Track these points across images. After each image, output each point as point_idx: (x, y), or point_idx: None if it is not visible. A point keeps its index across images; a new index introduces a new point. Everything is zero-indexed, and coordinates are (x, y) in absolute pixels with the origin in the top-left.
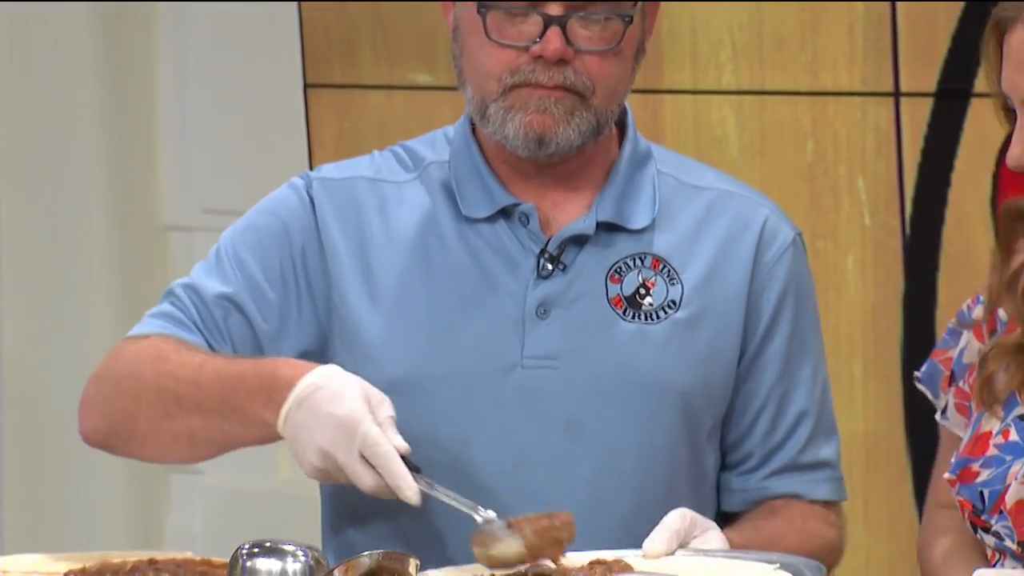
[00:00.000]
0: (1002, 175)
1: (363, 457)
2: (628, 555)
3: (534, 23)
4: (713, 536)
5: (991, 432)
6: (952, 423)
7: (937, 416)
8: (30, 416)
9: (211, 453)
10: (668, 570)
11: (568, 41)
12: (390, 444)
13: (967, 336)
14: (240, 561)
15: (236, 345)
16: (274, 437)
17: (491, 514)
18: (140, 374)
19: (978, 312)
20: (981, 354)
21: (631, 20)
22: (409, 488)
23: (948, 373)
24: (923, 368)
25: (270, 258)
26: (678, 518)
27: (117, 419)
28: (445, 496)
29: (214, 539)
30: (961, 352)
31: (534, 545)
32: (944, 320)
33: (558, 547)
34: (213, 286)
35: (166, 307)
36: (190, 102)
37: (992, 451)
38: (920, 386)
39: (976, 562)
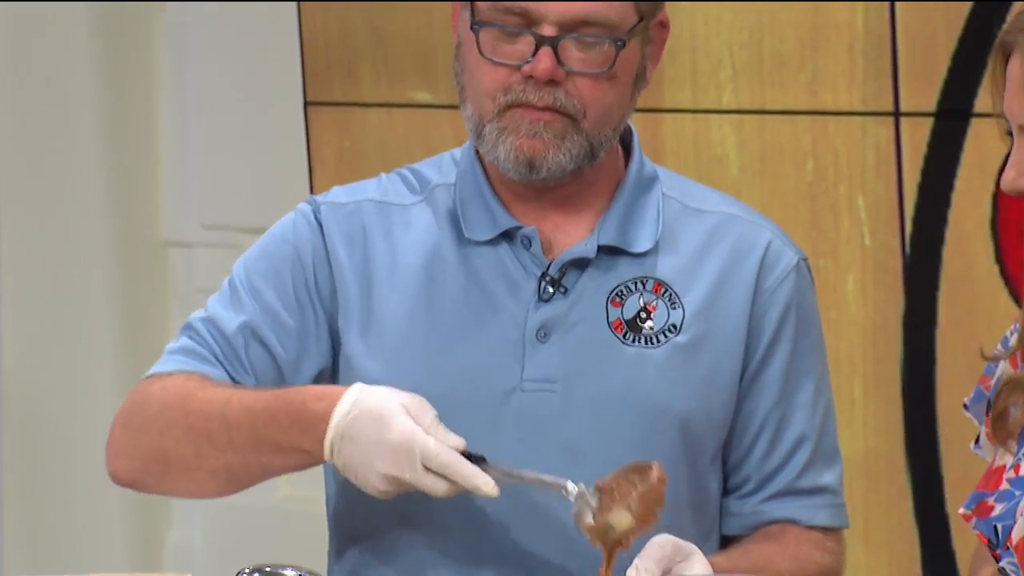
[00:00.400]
0: (1002, 195)
1: (428, 469)
2: None
3: (527, 43)
4: (696, 560)
5: (1004, 466)
6: (985, 452)
7: (971, 446)
8: (30, 430)
9: (252, 483)
10: None
11: (560, 62)
12: (449, 449)
13: (1004, 365)
14: None
15: (258, 375)
16: (318, 462)
17: (581, 486)
18: (167, 414)
19: (1014, 340)
20: (994, 388)
21: (623, 44)
22: (486, 484)
23: (988, 399)
24: (971, 396)
25: (284, 284)
26: (659, 545)
27: (147, 460)
28: (525, 477)
29: (215, 555)
30: (997, 380)
31: (640, 514)
32: (944, 339)
33: (659, 505)
34: (231, 317)
35: (186, 342)
36: (190, 118)
37: (1005, 486)
38: (967, 414)
39: None
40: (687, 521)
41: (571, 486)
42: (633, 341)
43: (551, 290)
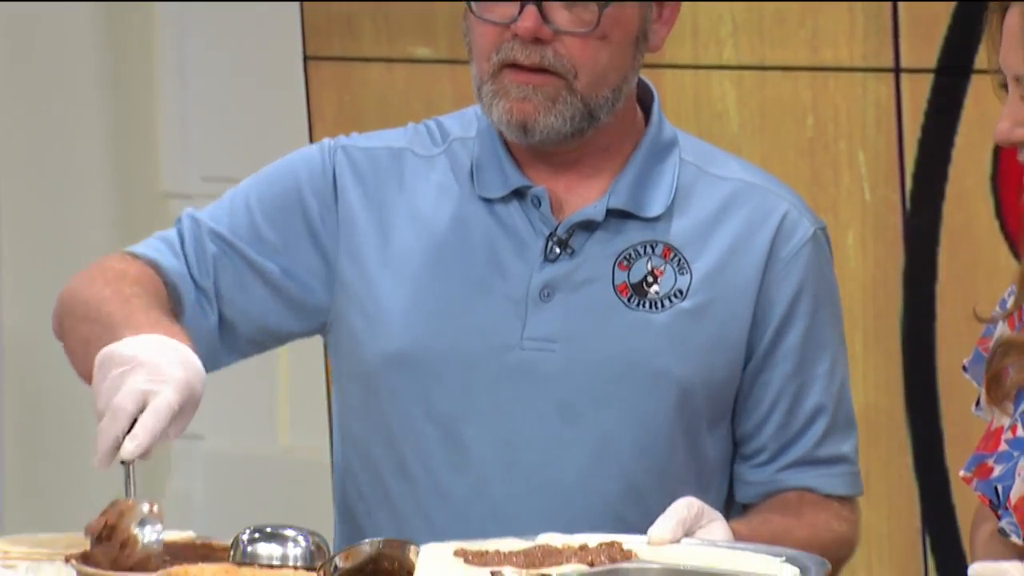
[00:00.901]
0: (1003, 151)
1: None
2: (632, 540)
3: (514, 3)
4: (718, 527)
5: (1003, 428)
6: (985, 414)
7: (973, 408)
8: (30, 386)
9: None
10: (672, 558)
11: (547, 21)
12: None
13: (1002, 326)
14: (241, 546)
15: (220, 282)
16: None
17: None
18: (92, 285)
19: (1011, 302)
20: (990, 350)
21: (607, 3)
22: (97, 460)
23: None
24: (970, 357)
25: (277, 209)
26: (684, 506)
27: (64, 308)
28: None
29: (215, 505)
30: (996, 343)
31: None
32: (944, 295)
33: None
34: (214, 223)
35: (169, 232)
36: (190, 70)
37: (1003, 447)
38: (967, 375)
39: (1013, 552)
40: (684, 484)
41: None
42: (637, 305)
43: (557, 250)
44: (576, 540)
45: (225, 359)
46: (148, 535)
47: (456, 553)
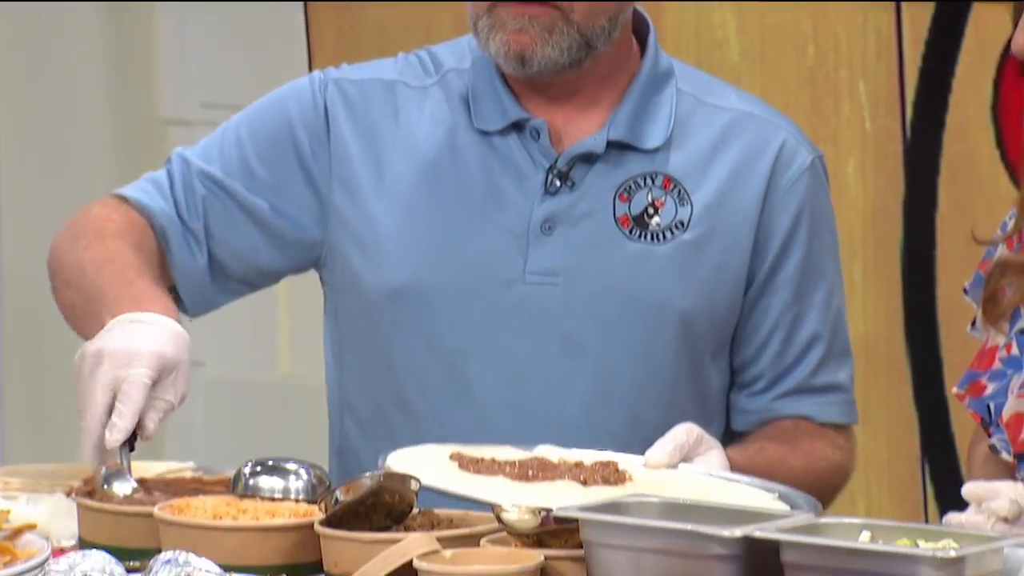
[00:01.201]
0: (1003, 81)
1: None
2: (629, 460)
3: None
4: (715, 455)
5: (997, 346)
6: (980, 334)
7: (967, 328)
8: (30, 314)
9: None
10: (667, 484)
11: None
12: (103, 406)
13: (1001, 248)
14: (243, 479)
15: (210, 222)
16: None
17: None
18: (74, 247)
19: (1011, 225)
20: (987, 271)
21: None
22: (88, 449)
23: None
24: (970, 280)
25: (268, 145)
26: (684, 432)
27: (51, 268)
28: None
29: (215, 432)
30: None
31: None
32: (944, 224)
33: None
34: (204, 163)
35: (159, 173)
36: None
37: (997, 365)
38: (967, 298)
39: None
40: (688, 416)
41: None
42: (639, 237)
43: (558, 183)
44: (573, 456)
45: (218, 299)
46: (121, 489)
47: (452, 457)
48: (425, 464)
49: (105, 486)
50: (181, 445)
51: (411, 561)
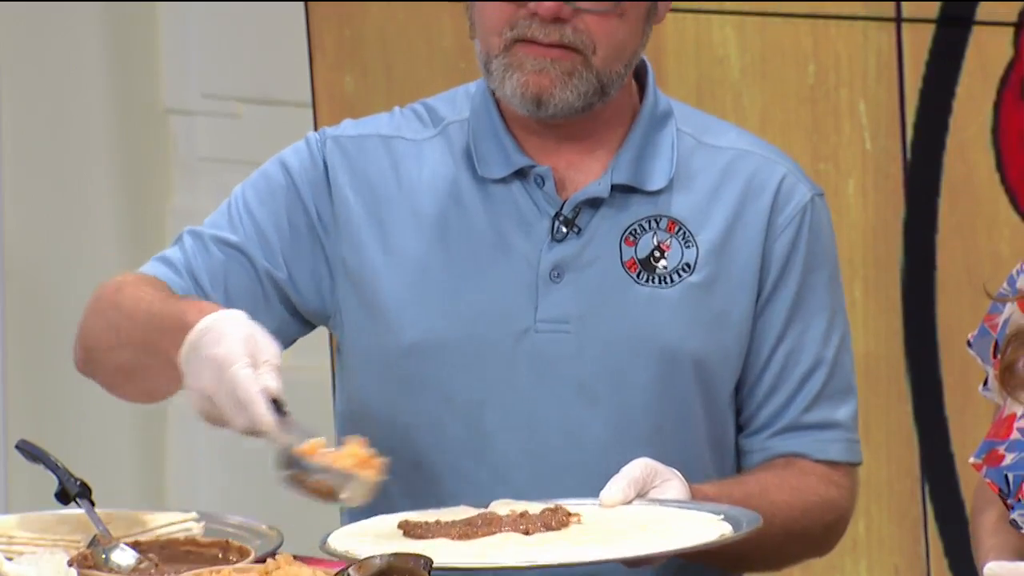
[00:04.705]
0: (1003, 103)
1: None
2: (585, 504)
3: None
4: (673, 486)
5: (1015, 415)
6: (993, 395)
7: (980, 388)
8: (32, 299)
9: (147, 388)
10: (614, 522)
11: None
12: (257, 387)
13: (1011, 307)
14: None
15: (231, 292)
16: (183, 376)
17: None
18: (101, 306)
19: (1021, 282)
20: (1005, 338)
21: None
22: (267, 429)
23: (995, 340)
24: (975, 333)
25: (277, 208)
26: (638, 467)
27: (85, 349)
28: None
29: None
30: (1005, 323)
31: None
32: (944, 245)
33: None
34: (219, 234)
35: (169, 251)
36: None
37: (1015, 435)
38: (971, 351)
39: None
40: (706, 461)
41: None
42: (647, 281)
43: (564, 230)
44: (520, 507)
45: None
46: (123, 559)
47: (399, 525)
48: (370, 535)
49: (104, 556)
50: (183, 438)
51: None
